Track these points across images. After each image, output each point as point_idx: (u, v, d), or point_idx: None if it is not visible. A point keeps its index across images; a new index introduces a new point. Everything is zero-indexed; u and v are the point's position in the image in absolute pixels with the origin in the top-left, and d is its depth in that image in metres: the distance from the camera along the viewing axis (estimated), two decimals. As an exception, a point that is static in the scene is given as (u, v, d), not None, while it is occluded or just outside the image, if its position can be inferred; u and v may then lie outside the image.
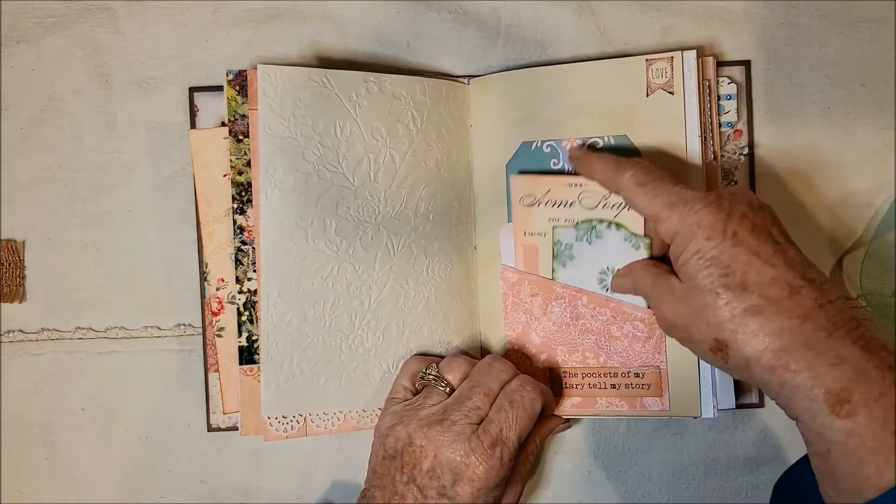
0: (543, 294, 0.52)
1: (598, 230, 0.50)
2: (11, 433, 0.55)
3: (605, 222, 0.50)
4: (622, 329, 0.51)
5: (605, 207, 0.50)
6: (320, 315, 0.50)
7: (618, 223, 0.50)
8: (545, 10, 0.54)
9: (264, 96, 0.48)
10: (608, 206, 0.50)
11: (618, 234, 0.50)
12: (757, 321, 0.38)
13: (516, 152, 0.52)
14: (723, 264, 0.40)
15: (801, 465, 0.44)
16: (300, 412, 0.50)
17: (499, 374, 0.48)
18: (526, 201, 0.51)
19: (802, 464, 0.44)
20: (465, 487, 0.45)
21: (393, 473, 0.46)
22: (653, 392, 0.50)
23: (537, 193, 0.51)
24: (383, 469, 0.47)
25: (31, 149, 0.55)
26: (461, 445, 0.45)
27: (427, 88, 0.52)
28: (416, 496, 0.45)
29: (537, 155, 0.52)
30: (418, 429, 0.46)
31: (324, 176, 0.49)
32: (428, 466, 0.45)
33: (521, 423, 0.46)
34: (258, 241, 0.49)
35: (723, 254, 0.40)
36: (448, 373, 0.49)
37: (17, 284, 0.54)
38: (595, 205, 0.50)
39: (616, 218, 0.50)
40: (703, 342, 0.41)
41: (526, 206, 0.51)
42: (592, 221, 0.50)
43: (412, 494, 0.45)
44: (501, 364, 0.49)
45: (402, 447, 0.47)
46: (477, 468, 0.45)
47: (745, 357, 0.39)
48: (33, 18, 0.55)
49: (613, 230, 0.50)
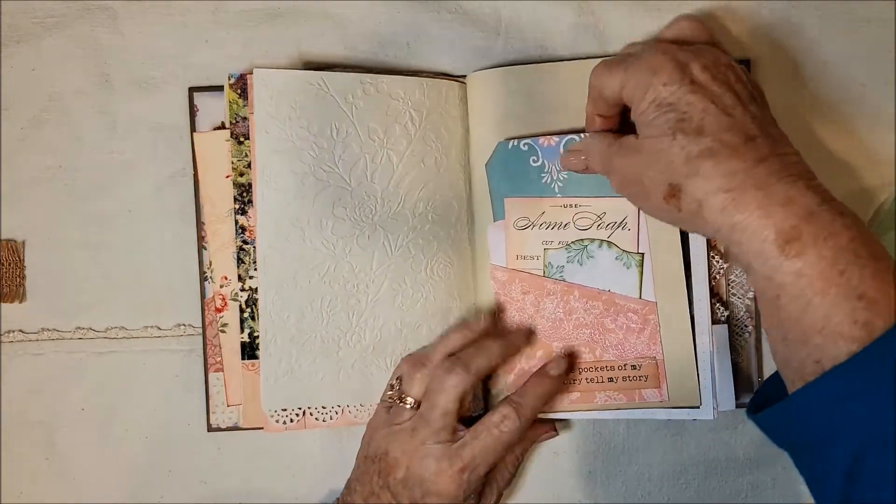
0: (535, 291, 0.52)
1: (590, 250, 0.50)
2: (11, 433, 0.55)
3: (596, 241, 0.50)
4: (616, 321, 0.51)
5: (600, 228, 0.50)
6: (318, 312, 0.50)
7: (610, 242, 0.50)
8: (545, 10, 0.54)
9: (260, 100, 0.49)
10: (602, 226, 0.50)
11: (609, 252, 0.50)
12: (710, 162, 0.38)
13: (494, 152, 0.52)
14: (679, 110, 0.39)
15: (768, 383, 0.43)
16: (299, 405, 0.51)
17: (454, 390, 0.47)
18: (519, 224, 0.51)
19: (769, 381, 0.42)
20: (435, 500, 0.46)
21: (372, 475, 0.48)
22: (651, 383, 0.50)
23: (532, 216, 0.51)
24: (365, 467, 0.49)
25: (31, 149, 0.55)
26: (432, 464, 0.46)
27: (426, 89, 0.52)
28: (389, 500, 0.47)
29: (515, 154, 0.51)
30: (393, 441, 0.47)
31: (320, 177, 0.50)
32: (401, 476, 0.47)
33: (496, 454, 0.47)
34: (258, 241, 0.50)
35: (680, 100, 0.40)
36: (410, 389, 0.49)
37: (17, 284, 0.54)
38: (589, 226, 0.50)
39: (609, 237, 0.50)
40: (657, 190, 0.40)
41: (519, 229, 0.51)
42: (584, 241, 0.50)
43: (387, 498, 0.47)
44: (454, 379, 0.47)
45: (380, 454, 0.48)
46: (447, 487, 0.46)
47: (698, 200, 0.38)
48: (33, 18, 0.55)
49: (605, 249, 0.50)
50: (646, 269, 0.50)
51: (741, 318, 0.53)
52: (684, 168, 0.39)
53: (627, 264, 0.50)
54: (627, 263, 0.50)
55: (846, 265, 0.35)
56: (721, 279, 0.52)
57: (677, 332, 0.50)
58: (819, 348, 0.35)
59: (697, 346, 0.50)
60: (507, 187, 0.52)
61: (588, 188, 0.50)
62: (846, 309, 0.34)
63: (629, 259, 0.50)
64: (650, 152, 0.40)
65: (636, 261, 0.50)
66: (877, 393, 0.33)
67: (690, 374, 0.50)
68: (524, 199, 0.51)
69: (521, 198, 0.51)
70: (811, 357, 0.35)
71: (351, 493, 0.49)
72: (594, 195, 0.50)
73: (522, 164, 0.51)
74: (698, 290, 0.50)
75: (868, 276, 0.35)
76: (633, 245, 0.50)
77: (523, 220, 0.51)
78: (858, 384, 0.34)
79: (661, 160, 0.39)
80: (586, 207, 0.50)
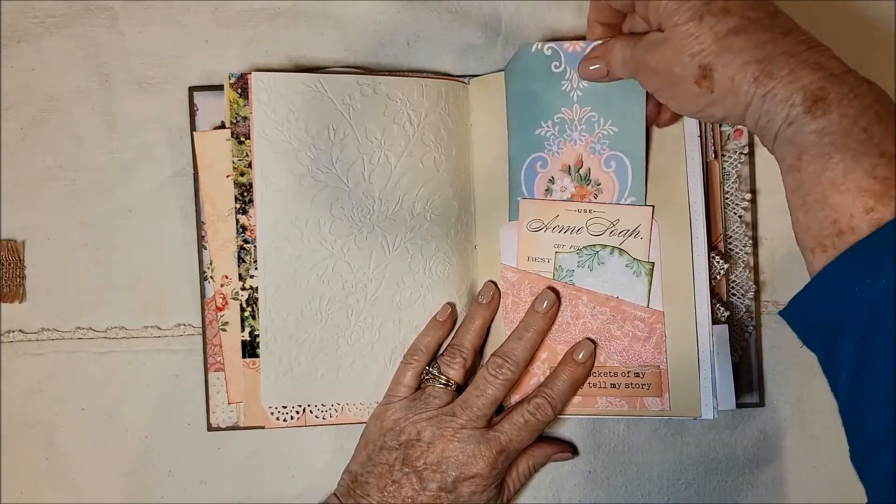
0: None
1: (601, 256, 0.50)
2: (11, 433, 0.55)
3: (608, 248, 0.50)
4: (622, 328, 0.51)
5: (612, 234, 0.50)
6: (317, 311, 0.51)
7: (621, 249, 0.50)
8: (545, 10, 0.54)
9: (258, 102, 0.50)
10: (615, 233, 0.50)
11: (620, 259, 0.50)
12: (741, 38, 0.38)
13: (515, 56, 0.51)
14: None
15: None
16: (298, 403, 0.52)
17: (507, 383, 0.50)
18: (533, 226, 0.51)
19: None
20: (467, 486, 0.48)
21: (392, 463, 0.49)
22: (653, 392, 0.50)
23: (545, 219, 0.51)
24: (380, 458, 0.49)
25: (31, 149, 0.55)
26: (470, 447, 0.48)
27: (425, 89, 0.52)
28: (413, 486, 0.48)
29: (538, 59, 0.50)
30: (428, 426, 0.49)
31: (317, 177, 0.50)
32: (433, 461, 0.48)
33: (529, 439, 0.50)
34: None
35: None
36: (450, 370, 0.51)
37: (17, 284, 0.54)
38: (602, 231, 0.50)
39: (621, 244, 0.50)
40: (688, 76, 0.40)
41: (532, 231, 0.51)
42: (596, 247, 0.50)
43: (410, 484, 0.48)
44: (506, 373, 0.50)
45: (407, 440, 0.49)
46: (483, 469, 0.48)
47: (731, 76, 0.38)
48: (33, 18, 0.55)
49: (616, 256, 0.50)
50: (655, 278, 0.50)
51: (741, 318, 0.53)
52: (714, 46, 0.39)
53: (637, 272, 0.50)
54: (637, 272, 0.50)
55: (869, 123, 0.35)
56: (722, 280, 0.52)
57: (683, 342, 0.50)
58: (837, 207, 0.35)
59: (698, 347, 0.50)
60: (524, 94, 0.51)
61: (606, 98, 0.49)
62: (866, 165, 0.35)
63: (639, 267, 0.50)
64: (679, 38, 0.40)
65: (646, 269, 0.50)
66: (887, 273, 0.33)
67: (693, 384, 0.50)
68: (539, 202, 0.51)
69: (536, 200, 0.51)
70: (829, 218, 0.35)
71: (362, 486, 0.49)
72: (611, 105, 0.49)
73: (543, 69, 0.50)
74: (699, 291, 0.50)
75: (891, 135, 0.35)
76: (645, 254, 0.50)
77: (537, 223, 0.51)
78: (872, 261, 0.34)
79: (691, 44, 0.39)
80: (600, 213, 0.50)
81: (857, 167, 0.35)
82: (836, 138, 0.35)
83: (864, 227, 0.34)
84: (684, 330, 0.50)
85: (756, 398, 0.54)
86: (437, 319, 0.52)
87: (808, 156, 0.36)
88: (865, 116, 0.35)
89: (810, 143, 0.36)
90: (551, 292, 0.51)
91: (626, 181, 0.50)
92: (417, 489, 0.48)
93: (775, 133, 0.38)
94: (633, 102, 0.48)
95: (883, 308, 0.33)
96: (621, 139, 0.49)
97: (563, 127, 0.50)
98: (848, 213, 0.35)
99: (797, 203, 0.37)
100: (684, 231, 0.50)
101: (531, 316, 0.51)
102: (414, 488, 0.48)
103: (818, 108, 0.36)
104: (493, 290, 0.52)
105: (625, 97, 0.48)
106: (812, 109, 0.36)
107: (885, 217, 0.34)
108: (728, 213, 0.53)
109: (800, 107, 0.36)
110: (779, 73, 0.37)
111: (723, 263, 0.52)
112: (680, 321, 0.50)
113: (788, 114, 0.37)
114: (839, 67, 0.37)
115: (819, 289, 0.36)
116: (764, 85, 0.37)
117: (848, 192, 0.35)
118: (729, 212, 0.53)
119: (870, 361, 0.34)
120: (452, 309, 0.53)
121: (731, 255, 0.53)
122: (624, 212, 0.50)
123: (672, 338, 0.50)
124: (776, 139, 0.38)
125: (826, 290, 0.36)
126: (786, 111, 0.37)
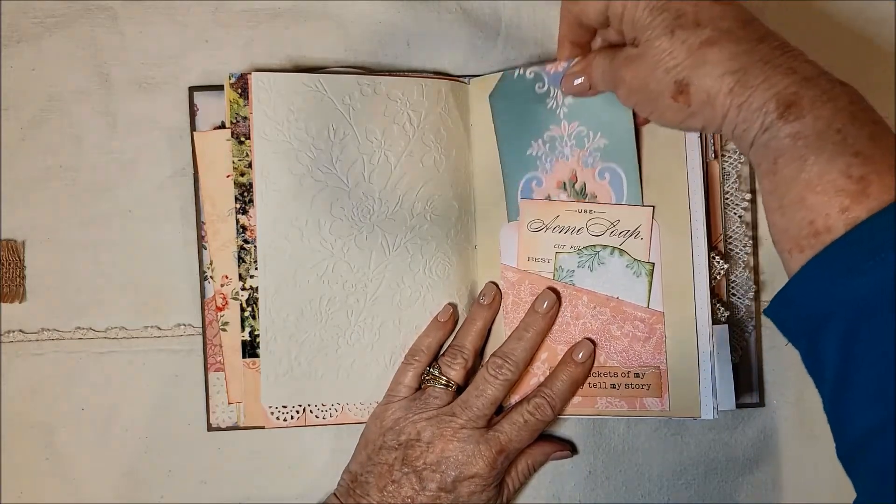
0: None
1: (601, 256, 0.50)
2: (11, 433, 0.55)
3: (608, 248, 0.50)
4: (622, 329, 0.51)
5: (613, 235, 0.50)
6: (317, 311, 0.51)
7: (622, 250, 0.50)
8: (545, 10, 0.54)
9: (258, 102, 0.50)
10: (615, 233, 0.50)
11: (620, 260, 0.50)
12: (714, 50, 0.38)
13: (499, 82, 0.51)
14: (672, 9, 0.39)
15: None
16: (298, 403, 0.52)
17: (507, 383, 0.50)
18: (533, 226, 0.51)
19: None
20: (467, 486, 0.49)
21: (392, 463, 0.49)
22: (653, 392, 0.50)
23: (546, 219, 0.51)
24: (380, 458, 0.50)
25: (31, 149, 0.55)
26: (470, 447, 0.49)
27: (425, 89, 0.52)
28: (413, 486, 0.49)
29: (521, 83, 0.51)
30: (428, 426, 0.50)
31: (317, 177, 0.50)
32: (433, 461, 0.49)
33: (528, 439, 0.50)
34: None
35: (671, 2, 0.40)
36: (451, 371, 0.51)
37: (17, 284, 0.54)
38: (602, 232, 0.50)
39: (621, 245, 0.50)
40: (665, 92, 0.40)
41: (533, 231, 0.51)
42: (596, 247, 0.50)
43: (409, 484, 0.49)
44: (506, 374, 0.50)
45: (406, 440, 0.49)
46: (483, 469, 0.49)
47: (706, 90, 0.38)
48: (33, 18, 0.55)
49: (616, 256, 0.50)
50: (655, 278, 0.50)
51: (741, 318, 0.53)
52: (689, 61, 0.39)
53: (638, 273, 0.50)
54: (638, 272, 0.50)
55: (843, 124, 0.35)
56: (722, 280, 0.52)
57: (683, 343, 0.50)
58: (813, 208, 0.35)
59: (698, 347, 0.50)
60: (511, 117, 0.51)
61: (592, 111, 0.49)
62: (840, 165, 0.35)
63: (640, 268, 0.50)
64: (653, 54, 0.40)
65: (647, 270, 0.50)
66: (871, 268, 0.33)
67: (692, 384, 0.50)
68: (539, 202, 0.51)
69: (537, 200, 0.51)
70: (805, 219, 0.36)
71: (361, 486, 0.50)
72: (598, 118, 0.49)
73: (528, 90, 0.51)
74: (699, 291, 0.50)
75: (865, 135, 0.35)
76: (645, 254, 0.50)
77: (537, 223, 0.51)
78: (849, 260, 0.34)
79: (665, 59, 0.39)
80: (601, 214, 0.50)
81: (832, 168, 0.35)
82: (811, 141, 0.35)
83: (840, 226, 0.34)
84: (684, 330, 0.50)
85: (756, 398, 0.54)
86: (439, 320, 0.52)
87: (784, 159, 0.36)
88: (839, 118, 0.35)
89: (785, 147, 0.36)
90: (551, 293, 0.51)
91: (622, 190, 0.50)
92: (417, 489, 0.49)
93: (751, 140, 0.38)
94: (619, 112, 0.48)
95: (862, 305, 0.34)
96: (612, 150, 0.49)
97: (554, 144, 0.51)
98: (824, 213, 0.35)
99: (774, 205, 0.37)
100: (684, 231, 0.50)
101: (531, 316, 0.51)
102: (413, 488, 0.49)
103: (791, 112, 0.36)
104: (495, 292, 0.52)
105: (611, 108, 0.48)
106: (785, 115, 0.36)
107: (861, 216, 0.34)
108: (728, 214, 0.53)
109: (773, 113, 0.36)
110: (754, 82, 0.37)
111: (723, 263, 0.52)
112: (680, 321, 0.50)
113: (763, 121, 0.37)
114: (812, 70, 0.37)
115: (797, 288, 0.37)
116: (739, 95, 0.37)
117: (824, 192, 0.35)
118: (729, 212, 0.53)
119: (852, 359, 0.34)
120: (454, 310, 0.53)
121: (731, 256, 0.53)
122: (624, 212, 0.50)
123: (672, 338, 0.50)
124: (752, 145, 0.38)
125: (804, 289, 0.36)
126: (761, 119, 0.37)
